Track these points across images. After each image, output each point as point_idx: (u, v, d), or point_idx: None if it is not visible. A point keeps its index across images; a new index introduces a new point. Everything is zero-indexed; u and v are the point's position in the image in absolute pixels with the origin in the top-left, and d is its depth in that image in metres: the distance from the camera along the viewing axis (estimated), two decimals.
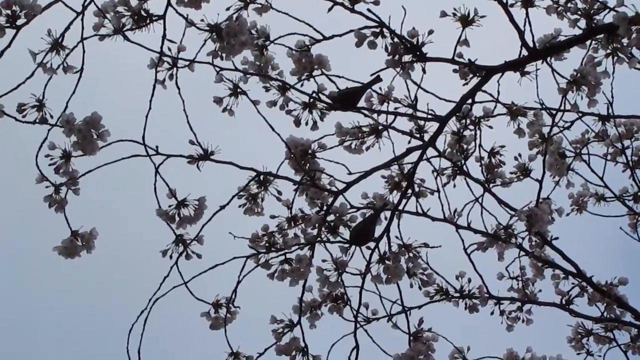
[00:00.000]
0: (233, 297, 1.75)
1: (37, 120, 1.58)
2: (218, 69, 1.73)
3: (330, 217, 1.79)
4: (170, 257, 1.69)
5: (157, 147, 1.62)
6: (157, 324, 1.68)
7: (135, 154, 1.61)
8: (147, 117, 1.61)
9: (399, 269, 1.77)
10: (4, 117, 1.55)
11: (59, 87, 1.60)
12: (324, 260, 1.75)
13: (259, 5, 1.67)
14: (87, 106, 1.60)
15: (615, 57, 1.72)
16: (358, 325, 1.77)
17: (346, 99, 1.76)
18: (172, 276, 1.66)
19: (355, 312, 1.80)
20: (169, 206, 1.66)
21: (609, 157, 2.21)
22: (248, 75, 1.78)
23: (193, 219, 1.66)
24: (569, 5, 1.74)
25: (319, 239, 1.78)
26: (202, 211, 1.66)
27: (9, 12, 1.45)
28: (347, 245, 1.76)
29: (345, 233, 1.77)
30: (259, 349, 1.74)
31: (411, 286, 1.82)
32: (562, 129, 2.04)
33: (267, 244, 1.78)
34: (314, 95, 1.76)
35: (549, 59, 1.75)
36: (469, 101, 1.77)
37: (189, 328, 1.71)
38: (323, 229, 1.80)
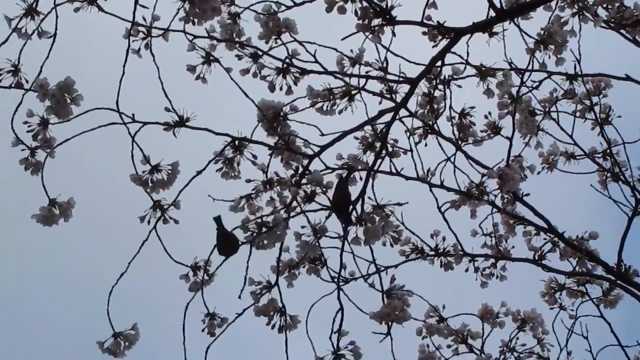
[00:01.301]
0: (210, 259, 1.79)
1: (12, 85, 1.62)
2: (191, 37, 1.76)
3: (306, 184, 1.81)
4: (149, 222, 1.73)
5: (133, 114, 1.64)
6: (138, 287, 1.71)
7: (112, 122, 1.64)
8: (120, 84, 1.63)
9: (377, 230, 1.81)
10: None
11: (34, 52, 1.64)
12: (303, 227, 1.75)
13: None
14: (61, 72, 1.65)
15: (581, 16, 1.78)
16: (339, 286, 1.82)
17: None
18: (151, 240, 1.70)
19: (337, 275, 1.83)
20: (143, 172, 1.71)
21: (577, 115, 2.30)
22: (219, 43, 1.82)
23: (166, 183, 1.71)
24: None
25: (298, 209, 1.78)
26: (175, 175, 1.70)
27: None
28: (328, 214, 1.78)
29: (323, 200, 1.80)
30: (238, 310, 1.77)
31: (384, 244, 1.85)
32: (530, 88, 2.09)
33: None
34: (287, 60, 1.79)
35: (516, 19, 1.78)
36: (439, 63, 1.81)
37: (168, 291, 1.76)
38: (299, 198, 1.80)
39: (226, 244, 1.77)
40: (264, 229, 1.75)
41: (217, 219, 1.73)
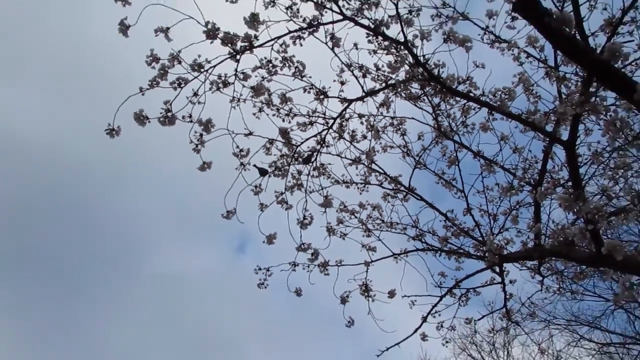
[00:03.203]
0: (260, 185, 2.18)
1: (192, 122, 1.96)
2: (254, 102, 2.13)
3: (295, 155, 2.23)
4: (238, 170, 2.09)
5: (233, 130, 2.03)
6: (235, 193, 2.15)
7: (225, 134, 2.02)
8: (228, 118, 2.03)
9: (322, 171, 2.32)
10: (176, 122, 1.92)
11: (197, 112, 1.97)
12: (293, 172, 2.25)
13: (266, 79, 2.06)
14: (206, 115, 2.00)
15: (396, 95, 2.26)
16: (307, 194, 2.26)
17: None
18: (239, 180, 2.08)
19: (306, 192, 2.26)
20: (238, 152, 2.07)
21: (393, 132, 2.65)
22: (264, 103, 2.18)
23: (246, 156, 2.06)
24: (380, 75, 2.17)
25: (290, 164, 2.23)
26: (248, 154, 2.05)
27: (177, 82, 1.88)
28: (303, 164, 2.25)
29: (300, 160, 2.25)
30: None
31: (324, 178, 2.37)
32: (377, 122, 2.48)
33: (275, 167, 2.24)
34: (289, 112, 2.24)
35: (372, 97, 2.21)
36: (344, 112, 2.24)
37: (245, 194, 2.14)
38: (293, 160, 2.24)
39: (262, 172, 2.12)
40: (277, 170, 2.22)
41: (254, 166, 2.08)
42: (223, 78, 2.00)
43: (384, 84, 2.18)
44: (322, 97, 2.19)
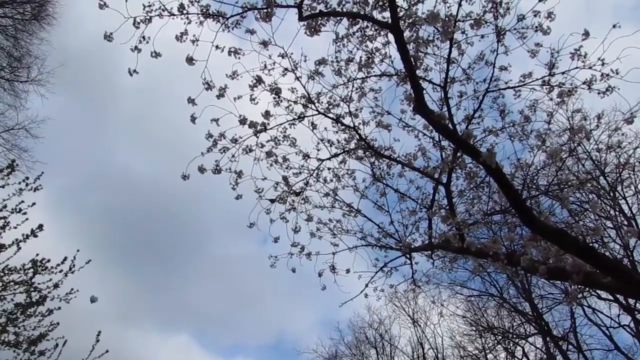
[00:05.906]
0: (270, 208, 2.11)
1: (230, 171, 1.95)
2: (267, 160, 2.07)
3: (292, 190, 2.14)
4: (258, 200, 2.06)
5: (254, 177, 2.00)
6: (256, 213, 2.11)
7: (249, 179, 1.98)
8: (251, 172, 1.99)
9: (307, 200, 2.20)
10: (222, 174, 1.91)
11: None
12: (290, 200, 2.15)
13: (274, 147, 2.03)
14: (239, 168, 1.95)
15: (350, 156, 2.16)
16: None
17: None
18: (258, 206, 2.03)
19: (296, 211, 2.17)
20: (257, 189, 2.01)
21: (348, 177, 2.42)
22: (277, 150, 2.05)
23: (262, 191, 2.02)
24: (340, 145, 2.13)
25: (288, 196, 2.14)
26: (264, 191, 2.01)
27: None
28: (295, 196, 2.15)
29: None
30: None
31: (308, 204, 2.25)
32: (339, 171, 2.33)
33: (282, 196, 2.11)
34: (288, 166, 2.16)
35: (336, 157, 2.14)
36: (320, 166, 2.16)
37: (262, 214, 2.10)
38: (290, 193, 2.15)
39: (271, 201, 2.07)
40: (280, 200, 2.12)
41: (267, 198, 2.05)
42: (249, 147, 2.01)
43: (342, 150, 2.19)
44: (306, 157, 2.19)
